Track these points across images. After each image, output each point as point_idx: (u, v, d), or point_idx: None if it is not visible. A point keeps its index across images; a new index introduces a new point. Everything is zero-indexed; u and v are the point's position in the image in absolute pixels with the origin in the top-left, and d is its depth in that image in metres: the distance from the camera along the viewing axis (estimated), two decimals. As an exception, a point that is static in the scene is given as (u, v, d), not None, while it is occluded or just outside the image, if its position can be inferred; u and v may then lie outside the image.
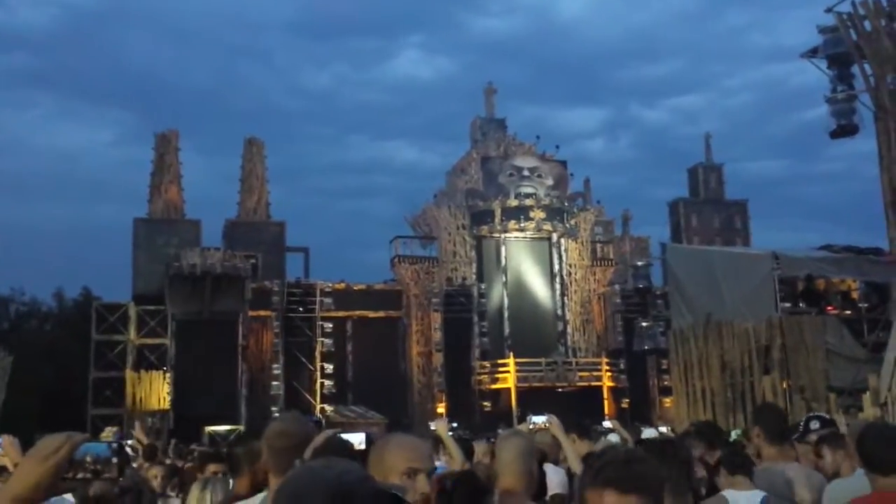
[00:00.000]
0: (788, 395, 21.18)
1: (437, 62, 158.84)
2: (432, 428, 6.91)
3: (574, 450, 6.58)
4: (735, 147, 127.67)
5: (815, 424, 5.84)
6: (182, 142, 53.41)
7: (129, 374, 47.07)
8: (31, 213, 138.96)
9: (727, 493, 4.53)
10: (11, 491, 1.91)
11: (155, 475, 6.54)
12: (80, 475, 1.98)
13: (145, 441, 9.71)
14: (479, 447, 6.67)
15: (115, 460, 2.02)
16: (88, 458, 1.99)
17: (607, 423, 9.56)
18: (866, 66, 21.05)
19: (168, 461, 10.65)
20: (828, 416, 6.61)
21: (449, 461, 6.60)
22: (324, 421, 46.64)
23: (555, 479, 5.93)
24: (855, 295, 25.14)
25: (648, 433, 10.75)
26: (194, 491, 5.42)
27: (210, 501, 5.17)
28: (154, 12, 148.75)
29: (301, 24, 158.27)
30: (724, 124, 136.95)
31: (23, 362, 41.96)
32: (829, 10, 21.70)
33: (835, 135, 23.49)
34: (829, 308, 23.46)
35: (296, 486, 1.84)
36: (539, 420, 6.98)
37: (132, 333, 47.82)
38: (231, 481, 6.36)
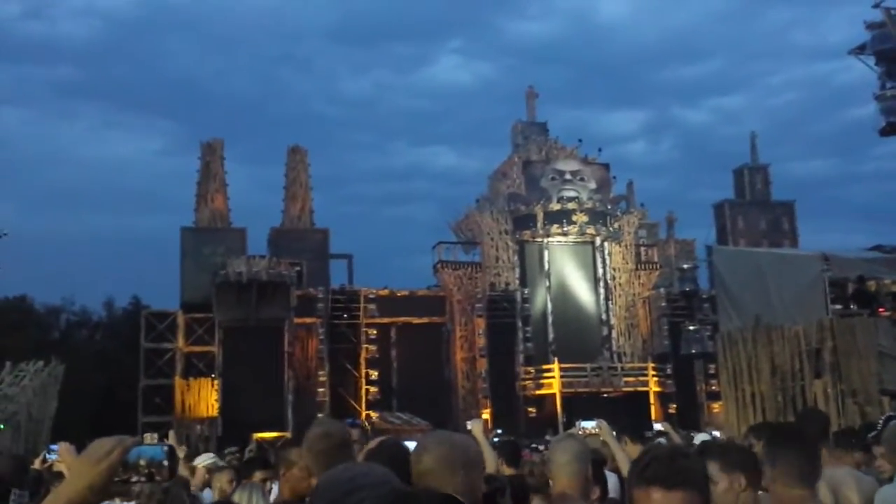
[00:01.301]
0: (840, 398, 20.77)
1: (475, 67, 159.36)
2: (468, 427, 6.91)
3: (625, 454, 6.53)
4: (779, 147, 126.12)
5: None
6: (226, 151, 54.10)
7: (178, 381, 47.70)
8: (81, 223, 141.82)
9: None
10: (65, 493, 1.93)
11: (229, 480, 6.54)
12: (134, 478, 2.00)
13: (181, 451, 9.76)
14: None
15: (165, 463, 2.04)
16: (142, 462, 2.00)
17: (658, 426, 9.48)
18: (916, 63, 20.65)
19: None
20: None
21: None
22: (368, 425, 46.87)
23: (608, 483, 5.90)
24: (908, 296, 24.58)
25: (701, 438, 10.64)
26: (237, 496, 5.46)
27: None
28: (195, 22, 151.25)
29: (340, 32, 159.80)
30: (767, 124, 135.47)
31: (74, 371, 42.68)
32: (876, 6, 21.32)
33: (884, 132, 23.08)
34: (881, 310, 22.96)
35: (318, 488, 1.90)
36: (588, 425, 6.99)
37: (181, 341, 48.46)
38: (275, 487, 6.44)
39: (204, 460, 8.97)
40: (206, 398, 47.37)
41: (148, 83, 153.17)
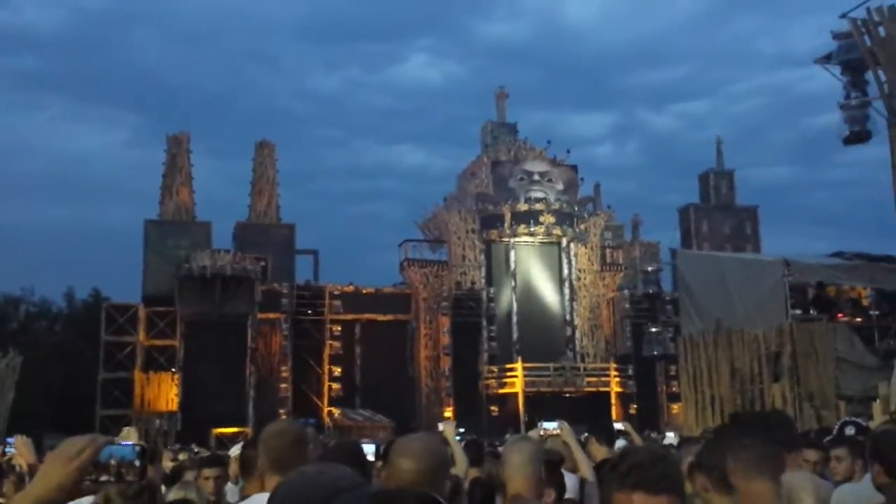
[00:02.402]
0: (798, 402, 21.07)
1: (445, 66, 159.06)
2: (440, 429, 6.94)
3: (584, 456, 6.55)
4: (743, 153, 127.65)
5: (850, 430, 5.79)
6: (192, 144, 53.56)
7: (137, 374, 47.19)
8: (43, 214, 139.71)
9: None
10: (34, 492, 1.92)
11: (207, 476, 6.31)
12: (104, 478, 1.97)
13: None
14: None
15: (137, 463, 2.01)
16: (112, 461, 1.98)
17: (619, 426, 9.53)
18: (880, 73, 20.92)
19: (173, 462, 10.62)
20: (864, 423, 6.53)
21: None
22: (329, 424, 46.76)
23: (567, 483, 5.91)
24: (866, 302, 25.02)
25: (671, 440, 10.73)
26: (172, 493, 5.36)
27: None
28: (162, 14, 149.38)
29: (309, 28, 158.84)
30: (731, 130, 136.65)
31: (32, 362, 42.09)
32: (843, 16, 21.59)
33: (848, 141, 23.38)
34: (840, 315, 23.34)
35: (289, 490, 1.85)
36: (549, 426, 7.04)
37: (141, 335, 47.94)
38: (234, 485, 6.33)
39: (236, 451, 8.78)
40: (165, 392, 46.90)
41: (113, 75, 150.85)
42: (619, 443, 8.98)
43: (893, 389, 17.88)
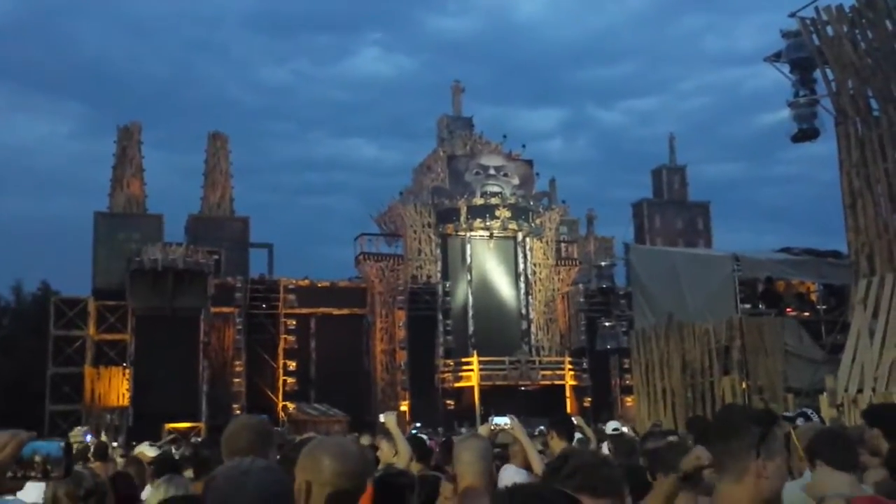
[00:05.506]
0: (747, 395, 21.44)
1: (396, 60, 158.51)
2: (381, 420, 6.92)
3: (536, 451, 6.60)
4: (692, 149, 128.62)
5: (801, 422, 5.91)
6: (143, 135, 52.79)
7: (87, 369, 46.49)
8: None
9: None
10: None
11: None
12: (31, 474, 1.92)
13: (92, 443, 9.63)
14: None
15: (63, 460, 1.96)
16: (38, 458, 1.93)
17: (573, 420, 9.62)
18: (828, 71, 21.28)
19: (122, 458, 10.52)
20: (810, 413, 6.65)
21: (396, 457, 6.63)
22: (283, 419, 46.47)
23: (517, 479, 5.95)
24: (813, 297, 25.51)
25: (612, 426, 10.93)
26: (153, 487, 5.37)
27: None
28: (109, 2, 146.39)
29: (258, 19, 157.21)
30: (680, 126, 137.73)
31: (-21, 357, 41.30)
32: (792, 15, 21.87)
33: (796, 139, 23.68)
34: (788, 310, 23.76)
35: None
36: (501, 421, 7.09)
37: (91, 329, 47.20)
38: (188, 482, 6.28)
39: (142, 449, 8.75)
40: (116, 387, 46.28)
41: (59, 64, 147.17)
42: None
43: (840, 383, 18.30)
